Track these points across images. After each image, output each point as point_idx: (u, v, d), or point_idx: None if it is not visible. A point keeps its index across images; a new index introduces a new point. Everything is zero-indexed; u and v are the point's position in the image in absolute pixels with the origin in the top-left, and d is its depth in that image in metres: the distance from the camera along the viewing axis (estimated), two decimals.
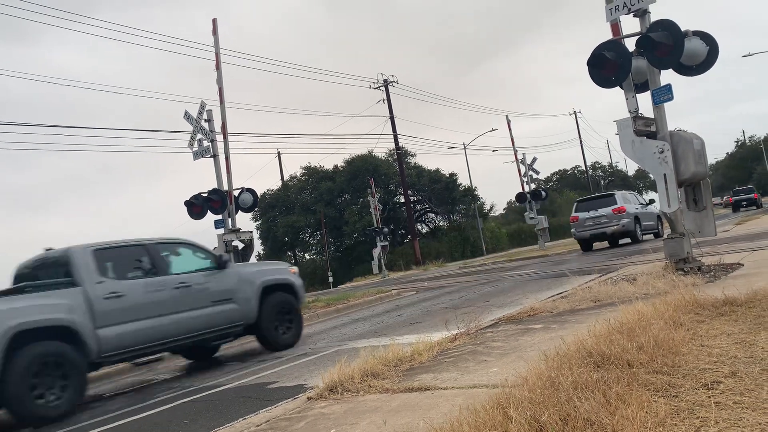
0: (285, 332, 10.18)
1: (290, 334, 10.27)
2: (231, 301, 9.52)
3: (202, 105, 16.23)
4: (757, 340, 4.33)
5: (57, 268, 8.31)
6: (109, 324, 7.99)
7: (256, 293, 9.84)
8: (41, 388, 7.16)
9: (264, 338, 10.08)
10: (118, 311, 8.12)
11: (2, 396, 6.89)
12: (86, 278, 8.03)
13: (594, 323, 5.50)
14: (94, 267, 8.17)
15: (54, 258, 8.52)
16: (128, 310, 8.24)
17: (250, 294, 9.75)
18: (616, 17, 9.89)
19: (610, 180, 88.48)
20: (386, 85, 40.99)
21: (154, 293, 8.58)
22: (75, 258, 8.15)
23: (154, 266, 8.86)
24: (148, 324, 8.41)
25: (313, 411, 4.95)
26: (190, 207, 16.15)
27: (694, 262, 9.63)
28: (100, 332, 7.89)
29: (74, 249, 8.30)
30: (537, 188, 34.11)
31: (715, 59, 9.45)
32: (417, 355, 6.25)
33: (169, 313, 8.67)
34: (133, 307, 8.30)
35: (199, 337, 9.19)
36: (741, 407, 3.10)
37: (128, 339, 8.22)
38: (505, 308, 10.05)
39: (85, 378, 7.81)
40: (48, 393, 7.21)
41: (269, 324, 9.94)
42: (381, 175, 48.52)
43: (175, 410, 6.86)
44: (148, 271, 8.77)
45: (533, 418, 3.18)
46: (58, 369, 7.36)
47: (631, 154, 9.70)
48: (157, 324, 8.52)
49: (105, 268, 8.33)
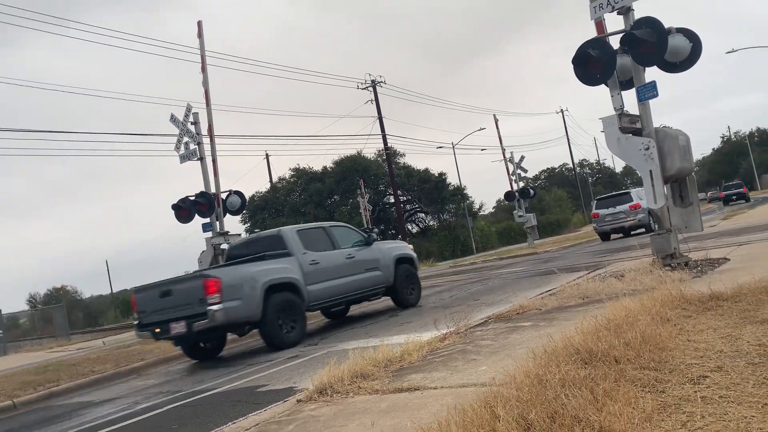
0: (411, 293, 13.01)
1: (414, 295, 13.13)
2: (377, 269, 12.23)
3: (188, 108, 16.15)
4: (742, 334, 4.36)
5: (269, 244, 11.09)
6: (312, 282, 10.74)
7: (393, 263, 12.54)
8: (283, 323, 10.08)
9: (398, 299, 12.81)
10: (316, 273, 10.89)
11: (261, 329, 10.00)
12: (296, 250, 10.87)
13: (582, 320, 5.52)
14: (299, 242, 11.02)
15: (265, 237, 11.69)
16: (322, 273, 11.00)
17: (388, 264, 12.44)
18: (601, 15, 9.94)
19: (598, 177, 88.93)
20: (374, 85, 40.96)
21: (335, 262, 11.39)
22: (286, 236, 11.05)
23: (332, 243, 11.70)
24: (333, 283, 11.16)
25: (303, 413, 4.93)
26: (178, 211, 16.05)
27: (681, 258, 9.70)
28: (308, 287, 10.65)
29: (285, 230, 11.42)
30: (525, 186, 34.25)
31: (699, 55, 9.51)
32: (407, 355, 6.24)
33: (344, 276, 11.44)
34: (325, 271, 11.08)
35: (360, 294, 11.93)
36: (727, 401, 3.12)
37: (323, 294, 10.96)
38: (495, 306, 10.07)
39: (305, 320, 10.76)
40: (287, 327, 10.14)
41: (401, 287, 12.69)
42: (370, 175, 48.49)
43: (165, 415, 6.82)
44: (329, 246, 11.55)
45: (521, 416, 3.18)
46: (291, 311, 10.27)
47: (617, 151, 9.75)
48: (338, 284, 11.27)
49: (305, 243, 11.10)
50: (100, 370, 11.58)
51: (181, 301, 9.73)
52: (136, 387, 9.60)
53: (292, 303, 10.32)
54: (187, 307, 9.58)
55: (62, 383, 10.74)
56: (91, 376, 11.06)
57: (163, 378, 10.01)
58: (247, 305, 9.63)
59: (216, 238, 15.94)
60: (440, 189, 50.44)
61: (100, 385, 10.71)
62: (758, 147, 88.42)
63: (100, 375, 11.11)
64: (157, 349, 13.41)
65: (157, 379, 10.07)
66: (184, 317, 9.56)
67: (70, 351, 19.85)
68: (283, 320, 10.10)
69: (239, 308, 9.53)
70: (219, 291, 9.33)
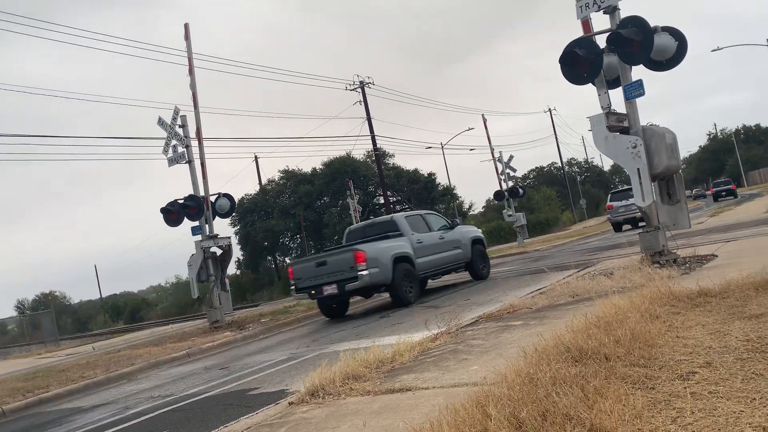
0: (483, 268, 15.83)
1: (486, 270, 15.96)
2: (459, 248, 15.01)
3: (175, 110, 16.08)
4: (730, 330, 4.39)
5: (384, 228, 14.23)
6: (419, 256, 13.61)
7: (470, 243, 15.38)
8: (405, 286, 12.93)
9: (474, 272, 15.63)
10: (421, 249, 13.75)
11: (391, 290, 12.89)
12: (407, 232, 13.83)
13: (572, 318, 5.54)
14: (408, 226, 14.00)
15: (380, 222, 15.03)
16: (425, 249, 13.87)
17: (467, 243, 15.29)
18: (587, 14, 9.99)
19: (586, 176, 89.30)
20: (362, 86, 40.91)
21: (432, 241, 14.28)
22: (399, 221, 14.19)
23: (428, 226, 14.71)
24: (432, 258, 14.03)
25: (295, 416, 4.92)
26: (167, 214, 15.98)
27: (669, 255, 9.76)
28: (417, 260, 13.48)
29: (396, 216, 14.78)
30: (514, 186, 34.33)
31: (685, 54, 9.58)
32: (398, 356, 6.24)
33: (438, 252, 14.30)
34: (427, 247, 13.94)
35: (448, 267, 14.81)
36: (716, 397, 3.14)
37: (426, 265, 13.83)
38: (485, 306, 10.09)
39: (418, 285, 13.72)
40: (407, 289, 13.01)
41: (476, 262, 15.52)
42: (360, 176, 48.46)
43: (156, 420, 6.78)
44: (426, 229, 14.52)
45: (512, 415, 3.19)
46: (409, 278, 13.14)
47: (604, 150, 9.80)
48: (435, 258, 14.15)
49: (411, 227, 14.04)
50: (90, 375, 11.50)
51: (334, 269, 12.68)
52: (126, 392, 9.54)
53: (410, 271, 13.23)
54: (339, 273, 12.55)
55: (52, 389, 10.66)
56: (81, 382, 10.97)
57: (154, 382, 9.95)
58: (383, 272, 12.61)
59: (205, 241, 15.88)
60: (430, 189, 50.52)
61: (90, 390, 10.63)
62: (744, 144, 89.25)
63: (90, 380, 11.03)
64: (147, 353, 13.35)
65: (148, 383, 10.01)
66: (336, 281, 12.57)
67: (59, 357, 19.70)
68: (405, 284, 12.98)
69: (378, 273, 12.52)
70: (365, 260, 12.32)
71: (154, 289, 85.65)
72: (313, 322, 14.43)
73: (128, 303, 73.27)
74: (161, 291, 78.50)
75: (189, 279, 16.41)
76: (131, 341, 19.89)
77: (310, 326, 13.63)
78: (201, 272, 15.90)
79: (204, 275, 15.97)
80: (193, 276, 15.91)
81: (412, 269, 13.25)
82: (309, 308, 16.59)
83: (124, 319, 65.21)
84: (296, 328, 13.91)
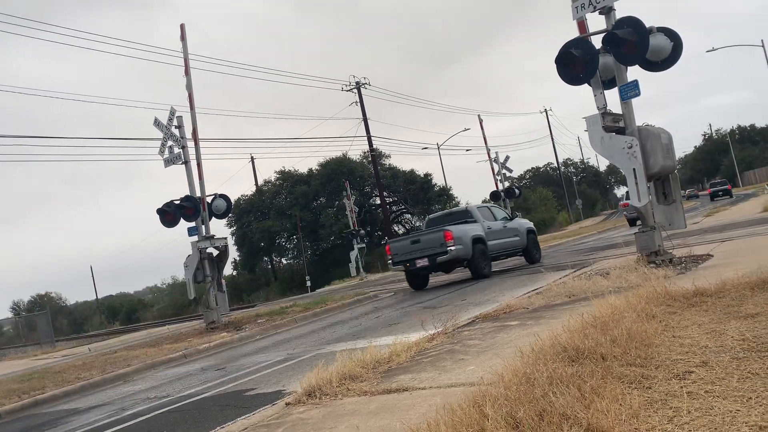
0: (536, 253, 18.42)
1: (538, 255, 18.58)
2: (517, 236, 17.72)
3: (171, 111, 16.05)
4: (726, 330, 4.41)
5: (459, 216, 17.43)
6: (489, 240, 16.33)
7: (525, 232, 18.11)
8: (482, 262, 15.87)
9: (529, 257, 18.20)
10: (491, 234, 16.50)
11: (471, 265, 15.85)
12: (479, 219, 16.78)
13: (568, 318, 5.55)
14: (480, 214, 17.08)
15: (457, 211, 18.55)
16: (493, 234, 16.64)
17: (523, 232, 18.02)
18: (582, 15, 10.01)
19: (582, 176, 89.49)
20: (359, 87, 40.94)
21: (498, 227, 17.12)
22: (472, 210, 17.48)
23: (493, 216, 17.71)
24: (498, 242, 16.81)
25: (292, 416, 4.91)
26: (163, 215, 15.95)
27: (665, 255, 9.78)
28: (489, 243, 16.27)
29: (470, 206, 18.66)
30: (510, 186, 34.33)
31: (680, 54, 9.61)
32: (395, 356, 6.24)
33: (503, 238, 17.06)
34: (494, 233, 16.76)
35: (510, 251, 17.61)
36: (712, 396, 3.15)
37: (495, 247, 16.63)
38: (482, 306, 10.10)
39: (490, 263, 16.58)
40: (483, 265, 15.87)
41: (530, 249, 18.19)
42: (356, 177, 48.46)
43: (152, 421, 6.76)
44: (492, 218, 17.37)
45: (509, 415, 3.19)
46: (484, 256, 16.06)
47: (600, 150, 9.82)
48: (501, 242, 16.94)
49: (482, 215, 17.10)
50: (86, 376, 11.47)
51: (426, 245, 15.62)
52: (122, 393, 9.51)
53: (484, 251, 16.11)
54: (430, 249, 15.49)
55: (47, 391, 10.62)
56: (77, 383, 10.94)
57: (150, 383, 9.93)
58: (465, 249, 15.52)
59: (202, 242, 15.86)
60: (426, 190, 50.54)
61: (87, 392, 10.59)
62: (739, 144, 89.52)
63: (86, 382, 10.99)
64: (143, 354, 13.33)
65: (144, 384, 9.98)
66: (427, 255, 15.56)
67: (55, 358, 19.65)
68: (482, 260, 15.88)
69: (461, 250, 15.43)
70: (452, 239, 15.23)
71: (151, 290, 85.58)
72: (310, 323, 14.43)
73: (124, 304, 73.19)
74: (157, 292, 78.43)
75: (185, 280, 16.40)
76: (127, 342, 19.85)
77: (307, 327, 13.62)
78: (197, 273, 15.88)
79: (200, 276, 15.95)
80: (189, 277, 15.88)
81: (486, 249, 16.17)
82: (305, 309, 16.60)
83: (120, 320, 65.13)
84: (293, 329, 13.90)
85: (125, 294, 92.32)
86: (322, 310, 16.20)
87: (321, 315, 15.76)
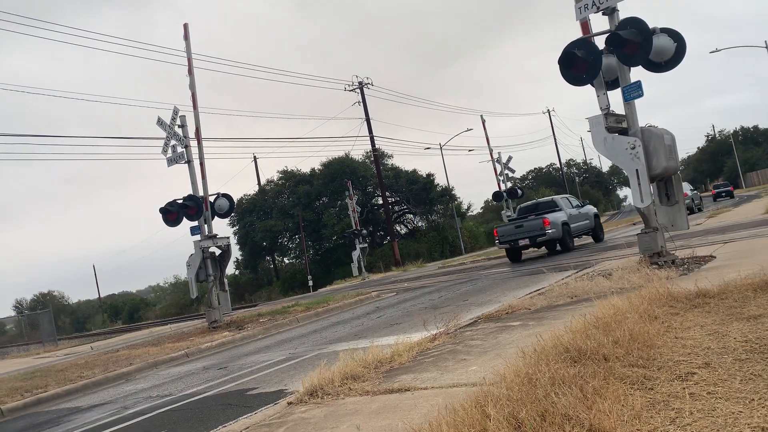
0: (600, 234, 22.84)
1: (602, 235, 22.98)
2: (587, 219, 21.89)
3: (175, 111, 16.07)
4: (729, 331, 4.40)
5: (547, 205, 21.37)
6: (572, 223, 20.40)
7: (593, 216, 22.50)
8: (568, 239, 20.02)
9: (595, 236, 22.54)
10: (571, 218, 20.52)
11: (561, 242, 19.93)
12: (564, 207, 20.76)
13: (570, 319, 5.55)
14: (564, 203, 21.11)
15: (544, 201, 22.30)
16: (573, 218, 20.74)
17: (591, 216, 22.31)
18: (586, 16, 10.00)
19: (585, 177, 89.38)
20: (361, 87, 40.95)
21: (575, 213, 21.13)
22: (557, 200, 21.43)
23: (571, 205, 21.52)
24: (576, 224, 20.82)
25: (294, 416, 4.92)
26: (166, 214, 15.98)
27: (667, 256, 9.76)
28: (571, 225, 20.32)
29: (555, 197, 22.34)
30: (513, 187, 34.38)
31: (683, 55, 9.59)
32: (397, 356, 6.24)
33: (579, 221, 21.20)
34: (573, 217, 20.77)
35: (583, 232, 21.83)
36: (715, 397, 3.15)
37: (575, 229, 20.68)
38: (484, 306, 10.09)
39: (573, 240, 20.82)
40: (569, 242, 20.25)
41: (597, 230, 22.56)
42: (359, 177, 48.44)
43: (154, 420, 6.77)
44: (570, 206, 21.26)
45: (511, 415, 3.19)
46: (569, 235, 20.24)
47: (603, 151, 9.80)
48: (578, 225, 20.99)
49: (564, 204, 21.02)
50: (88, 375, 11.49)
51: (528, 229, 19.72)
52: (125, 392, 9.53)
53: (569, 231, 20.30)
54: (531, 232, 19.61)
55: (50, 389, 10.65)
56: (80, 382, 10.96)
57: (152, 382, 9.95)
58: (557, 231, 19.66)
59: (204, 241, 15.88)
60: (428, 190, 50.47)
61: (89, 390, 10.62)
62: (742, 145, 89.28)
63: (88, 380, 11.02)
64: (145, 353, 13.35)
65: (146, 383, 10.00)
66: (528, 237, 19.68)
67: (57, 356, 19.69)
68: (568, 238, 20.13)
69: (555, 232, 19.56)
70: (549, 223, 19.40)
71: (153, 289, 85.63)
72: (312, 323, 14.44)
73: (127, 303, 73.28)
74: (160, 291, 78.49)
75: (188, 279, 16.42)
76: (129, 341, 19.89)
77: (309, 326, 13.63)
78: (200, 272, 15.90)
79: (203, 275, 15.97)
80: (191, 276, 15.91)
81: (570, 230, 20.43)
82: (307, 308, 16.60)
83: (122, 318, 65.26)
84: (295, 328, 13.91)
85: (128, 293, 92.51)
86: (323, 310, 16.21)
87: (323, 315, 15.76)
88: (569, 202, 21.79)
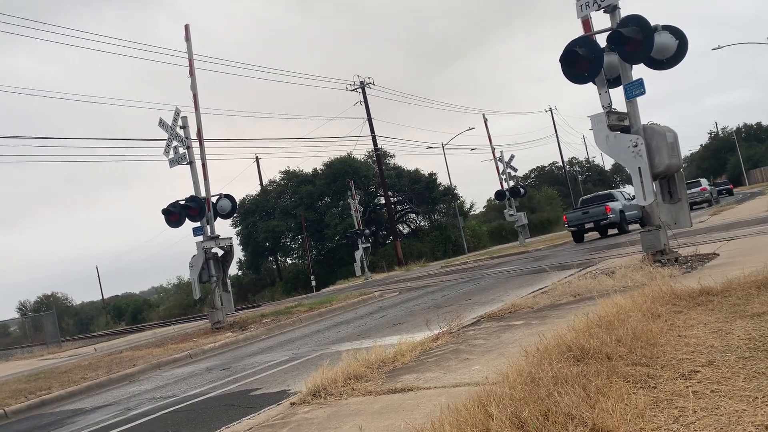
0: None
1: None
2: (635, 210, 23.51)
3: (176, 111, 16.08)
4: (732, 329, 4.39)
5: (606, 197, 25.59)
6: (626, 212, 24.54)
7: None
8: (624, 224, 24.50)
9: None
10: (626, 207, 24.60)
11: (619, 226, 24.51)
12: (620, 198, 25.36)
13: (573, 318, 5.54)
14: (619, 195, 25.85)
15: (603, 194, 26.87)
16: (627, 208, 24.60)
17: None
18: (587, 13, 9.98)
19: (588, 175, 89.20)
20: (363, 87, 40.94)
21: (628, 204, 24.67)
22: (614, 193, 26.48)
23: (624, 197, 25.53)
24: (630, 213, 24.55)
25: (297, 416, 4.92)
26: (168, 215, 15.98)
27: (671, 254, 9.75)
28: (626, 213, 24.51)
29: (613, 191, 28.47)
30: (515, 185, 34.27)
31: (685, 52, 9.57)
32: (400, 356, 6.24)
33: (631, 211, 24.42)
34: (627, 207, 24.61)
35: (633, 220, 24.76)
36: (718, 396, 3.14)
37: (629, 217, 24.67)
38: (487, 306, 10.08)
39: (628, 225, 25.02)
40: (626, 226, 24.58)
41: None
42: (361, 176, 48.42)
43: (158, 421, 6.78)
44: (623, 198, 25.39)
45: (514, 415, 3.18)
46: (625, 221, 24.59)
47: (605, 149, 9.78)
48: (630, 213, 24.55)
49: (620, 196, 26.21)
50: (91, 376, 11.51)
51: (593, 214, 23.88)
52: (128, 393, 9.55)
53: (625, 218, 24.08)
54: (595, 217, 23.80)
55: (54, 391, 10.66)
56: (83, 383, 10.98)
57: (156, 383, 9.96)
58: (617, 216, 23.57)
59: (207, 242, 15.89)
60: (431, 189, 50.43)
61: (93, 391, 10.63)
62: (745, 143, 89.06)
63: (92, 382, 11.03)
64: (149, 354, 13.37)
65: (150, 384, 10.01)
66: (593, 221, 23.95)
67: (61, 358, 19.72)
68: (624, 223, 24.03)
69: (615, 217, 23.52)
70: (610, 210, 23.44)
71: (156, 290, 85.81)
72: (315, 323, 14.44)
73: (130, 304, 73.43)
74: (163, 292, 78.63)
75: (191, 280, 16.42)
76: (133, 342, 19.91)
77: (312, 326, 13.63)
78: (202, 273, 15.91)
79: (205, 276, 15.97)
80: (194, 277, 15.91)
81: (625, 217, 24.18)
82: (310, 309, 16.61)
83: (126, 320, 65.39)
84: (298, 329, 13.92)
85: (131, 294, 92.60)
86: (326, 310, 16.22)
87: (326, 315, 15.77)
88: (623, 195, 26.06)
